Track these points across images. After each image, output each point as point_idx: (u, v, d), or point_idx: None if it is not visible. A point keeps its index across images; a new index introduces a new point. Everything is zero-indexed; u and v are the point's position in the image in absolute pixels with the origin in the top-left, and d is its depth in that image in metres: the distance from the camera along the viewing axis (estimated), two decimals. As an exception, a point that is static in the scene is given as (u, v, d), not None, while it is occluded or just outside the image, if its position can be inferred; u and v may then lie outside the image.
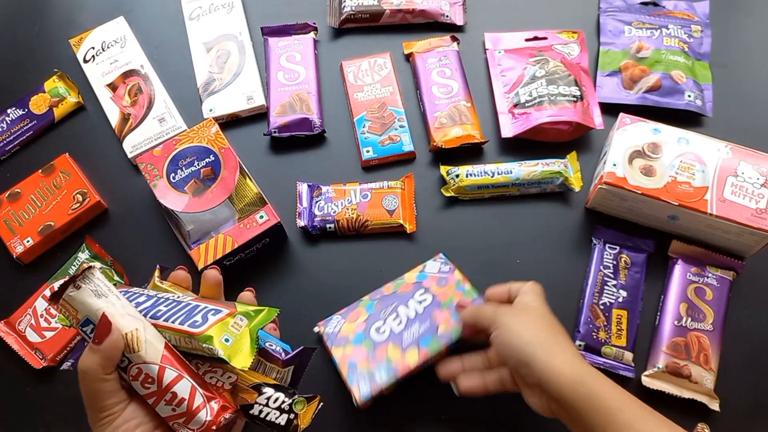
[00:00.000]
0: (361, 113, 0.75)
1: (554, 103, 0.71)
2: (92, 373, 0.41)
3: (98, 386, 0.41)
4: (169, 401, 0.42)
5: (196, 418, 0.41)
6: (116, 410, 0.42)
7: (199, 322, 0.43)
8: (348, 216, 0.69)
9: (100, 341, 0.41)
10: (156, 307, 0.45)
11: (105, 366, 0.41)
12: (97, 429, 0.42)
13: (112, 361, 0.41)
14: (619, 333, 0.63)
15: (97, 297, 0.42)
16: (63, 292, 0.42)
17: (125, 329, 0.42)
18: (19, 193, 0.70)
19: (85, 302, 0.42)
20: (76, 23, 0.82)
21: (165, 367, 0.42)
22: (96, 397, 0.41)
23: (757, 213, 0.61)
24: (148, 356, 0.42)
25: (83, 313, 0.42)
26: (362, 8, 0.79)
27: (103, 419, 0.41)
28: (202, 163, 0.66)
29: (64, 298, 0.42)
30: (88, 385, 0.41)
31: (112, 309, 0.42)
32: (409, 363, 0.59)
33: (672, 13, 0.79)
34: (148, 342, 0.42)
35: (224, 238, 0.63)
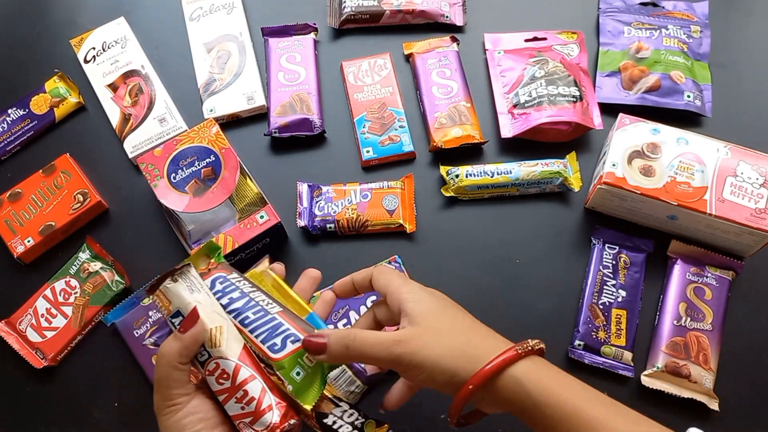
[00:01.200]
0: (361, 113, 0.75)
1: (554, 104, 0.71)
2: (169, 358, 0.43)
3: (171, 373, 0.43)
4: (239, 399, 0.43)
5: (262, 419, 0.43)
6: (181, 401, 0.43)
7: (278, 347, 0.44)
8: (348, 216, 0.69)
9: (184, 331, 0.43)
10: (245, 312, 0.46)
11: (182, 354, 0.43)
12: (162, 416, 0.43)
13: (191, 351, 0.44)
14: (619, 333, 0.63)
15: (190, 292, 0.45)
16: (161, 283, 0.45)
17: (210, 324, 0.44)
18: (19, 193, 0.70)
19: (179, 295, 0.45)
20: (76, 23, 0.82)
21: (241, 365, 0.44)
22: (166, 383, 0.43)
23: (757, 213, 0.61)
24: (227, 353, 0.44)
25: (175, 305, 0.45)
26: (362, 9, 0.79)
27: (169, 407, 0.43)
28: (203, 163, 0.66)
29: (160, 289, 0.45)
30: (163, 369, 0.43)
31: (201, 305, 0.45)
32: None
33: (671, 13, 0.79)
34: (229, 340, 0.44)
35: (225, 238, 0.63)
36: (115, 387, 0.65)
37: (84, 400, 0.64)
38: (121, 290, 0.67)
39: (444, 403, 0.63)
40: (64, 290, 0.67)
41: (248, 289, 0.47)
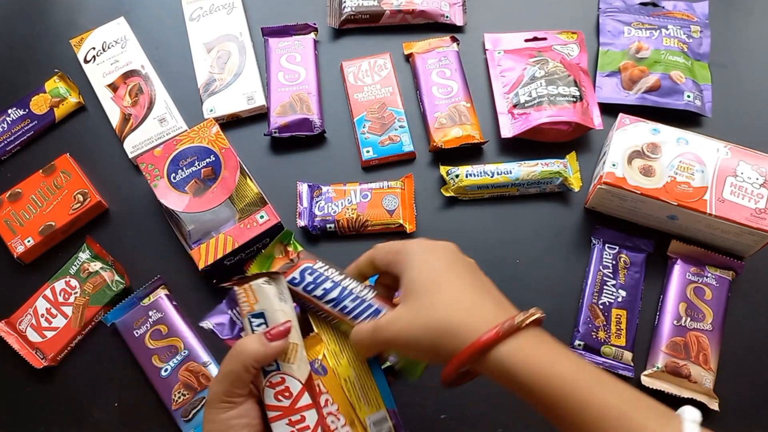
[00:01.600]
0: (361, 113, 0.75)
1: (554, 104, 0.71)
2: (247, 357, 0.42)
3: (241, 371, 0.43)
4: (292, 422, 0.43)
5: None
6: (236, 401, 0.43)
7: None
8: (348, 216, 0.69)
9: (272, 339, 0.43)
10: (343, 301, 0.46)
11: (258, 359, 0.43)
12: (214, 408, 0.43)
13: (269, 359, 0.43)
14: (619, 333, 0.63)
15: (279, 300, 0.45)
16: (255, 278, 0.44)
17: (289, 340, 0.44)
18: (19, 193, 0.70)
19: (269, 298, 0.44)
20: (76, 24, 0.82)
21: (305, 389, 0.44)
22: (232, 379, 0.43)
23: (757, 213, 0.61)
24: (297, 373, 0.44)
25: (261, 306, 0.44)
26: (362, 9, 0.79)
27: (225, 402, 0.43)
28: (203, 163, 0.66)
29: (252, 285, 0.44)
30: (235, 364, 0.43)
31: (286, 316, 0.44)
32: None
33: (671, 13, 0.79)
34: (302, 360, 0.44)
35: (225, 238, 0.63)
36: (115, 387, 0.65)
37: (84, 400, 0.64)
38: (121, 290, 0.67)
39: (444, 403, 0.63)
40: (64, 290, 0.67)
41: (338, 277, 0.47)
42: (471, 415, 0.62)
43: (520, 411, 0.59)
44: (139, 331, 0.64)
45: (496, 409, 0.62)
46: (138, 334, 0.64)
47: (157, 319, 0.65)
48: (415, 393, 0.63)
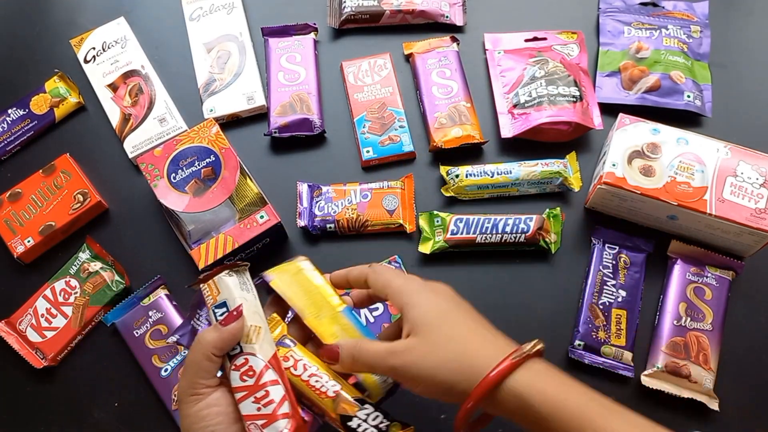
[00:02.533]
0: (361, 113, 0.75)
1: (554, 104, 0.71)
2: (205, 346, 0.44)
3: (202, 361, 0.44)
4: (258, 399, 0.43)
5: (275, 423, 0.43)
6: (205, 391, 0.44)
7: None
8: (348, 216, 0.69)
9: (225, 324, 0.44)
10: None
11: (218, 346, 0.44)
12: (185, 404, 0.44)
13: (227, 344, 0.44)
14: (619, 333, 0.63)
15: (240, 289, 0.46)
16: (216, 274, 0.46)
17: (250, 322, 0.45)
18: (19, 193, 0.70)
19: (230, 288, 0.46)
20: (76, 23, 0.82)
21: (269, 367, 0.44)
22: (195, 370, 0.44)
23: (757, 213, 0.61)
24: (259, 352, 0.44)
25: (223, 296, 0.46)
26: (362, 9, 0.79)
27: (193, 395, 0.44)
28: (203, 163, 0.66)
29: (215, 279, 0.46)
30: (196, 355, 0.44)
31: (247, 303, 0.46)
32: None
33: (671, 13, 0.79)
34: (264, 341, 0.45)
35: (225, 238, 0.63)
36: (115, 387, 0.65)
37: (84, 400, 0.64)
38: (121, 290, 0.67)
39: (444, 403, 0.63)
40: (64, 290, 0.67)
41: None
42: (471, 415, 0.62)
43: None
44: (139, 331, 0.64)
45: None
46: (138, 334, 0.64)
47: (157, 319, 0.65)
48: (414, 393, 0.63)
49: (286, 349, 0.47)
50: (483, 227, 0.67)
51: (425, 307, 0.45)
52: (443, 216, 0.68)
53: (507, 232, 0.67)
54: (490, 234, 0.67)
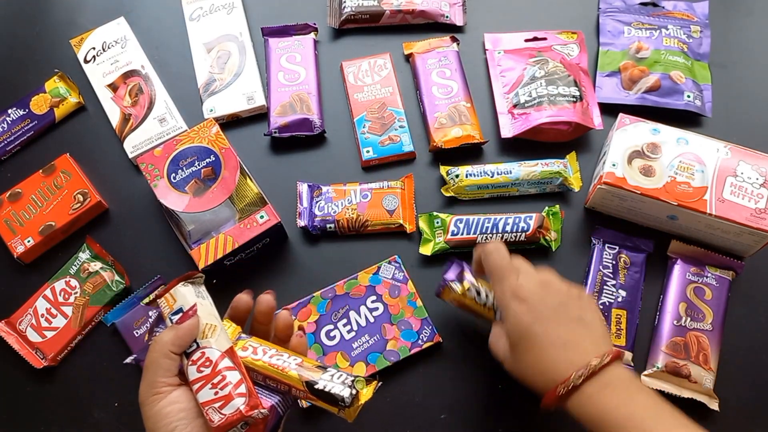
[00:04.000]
0: (361, 113, 0.75)
1: (554, 104, 0.71)
2: (162, 345, 0.45)
3: (161, 360, 0.45)
4: (215, 384, 0.44)
5: (232, 402, 0.44)
6: (165, 390, 0.45)
7: None
8: (348, 216, 0.69)
9: (181, 322, 0.46)
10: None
11: (175, 343, 0.45)
12: (146, 406, 0.44)
13: (183, 341, 0.46)
14: (619, 333, 0.63)
15: (196, 296, 0.48)
16: (174, 286, 0.48)
17: (205, 321, 0.47)
18: (19, 193, 0.70)
19: (186, 296, 0.47)
20: (76, 23, 0.82)
21: (225, 356, 0.46)
22: (154, 369, 0.45)
23: (757, 213, 0.61)
24: (215, 345, 0.46)
25: (179, 303, 0.47)
26: (362, 9, 0.79)
27: (154, 395, 0.44)
28: (203, 163, 0.66)
29: (171, 291, 0.48)
30: (154, 355, 0.45)
31: (202, 307, 0.48)
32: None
33: (671, 13, 0.79)
34: (220, 337, 0.47)
35: (225, 238, 0.63)
36: (115, 387, 0.65)
37: (84, 400, 0.64)
38: (121, 290, 0.67)
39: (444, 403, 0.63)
40: (64, 290, 0.67)
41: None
42: (471, 415, 0.62)
43: (521, 412, 0.59)
44: (139, 331, 0.64)
45: (497, 409, 0.62)
46: (138, 334, 0.64)
47: (157, 319, 0.65)
48: (415, 393, 0.63)
49: (243, 341, 0.49)
50: (483, 227, 0.67)
51: (511, 321, 0.51)
52: (443, 217, 0.68)
53: (507, 231, 0.67)
54: (490, 234, 0.67)
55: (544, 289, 0.52)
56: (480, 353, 0.64)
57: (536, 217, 0.67)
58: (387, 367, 0.62)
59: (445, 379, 0.63)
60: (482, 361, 0.62)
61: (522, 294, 0.52)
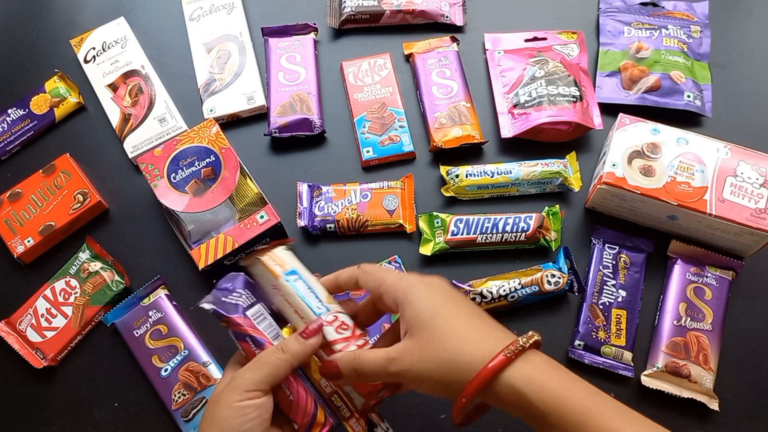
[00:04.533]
0: (361, 113, 0.75)
1: (554, 104, 0.71)
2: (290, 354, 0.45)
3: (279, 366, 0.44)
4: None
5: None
6: (259, 393, 0.44)
7: None
8: (348, 216, 0.69)
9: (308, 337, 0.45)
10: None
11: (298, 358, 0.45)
12: (233, 394, 0.43)
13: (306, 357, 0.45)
14: (619, 333, 0.63)
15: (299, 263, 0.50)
16: (270, 249, 0.49)
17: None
18: (19, 193, 0.70)
19: (295, 259, 0.50)
20: (76, 24, 0.82)
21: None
22: (268, 370, 0.44)
23: (757, 213, 0.61)
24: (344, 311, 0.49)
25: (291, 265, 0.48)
26: (362, 9, 0.79)
27: (249, 391, 0.43)
28: (203, 163, 0.66)
29: (274, 252, 0.48)
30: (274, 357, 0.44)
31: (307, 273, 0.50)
32: None
33: (671, 13, 0.79)
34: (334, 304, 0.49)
35: (225, 238, 0.63)
36: (115, 387, 0.65)
37: (84, 400, 0.64)
38: (121, 290, 0.67)
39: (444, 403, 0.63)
40: (64, 290, 0.67)
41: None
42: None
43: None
44: (139, 331, 0.64)
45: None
46: (138, 334, 0.64)
47: (157, 319, 0.65)
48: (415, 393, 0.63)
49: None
50: (483, 227, 0.67)
51: (418, 304, 0.44)
52: (443, 217, 0.68)
53: (507, 231, 0.67)
54: (490, 234, 0.67)
55: (445, 284, 0.47)
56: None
57: (536, 217, 0.67)
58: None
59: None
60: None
61: (427, 281, 0.46)
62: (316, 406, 0.45)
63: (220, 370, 0.63)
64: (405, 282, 0.46)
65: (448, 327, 0.43)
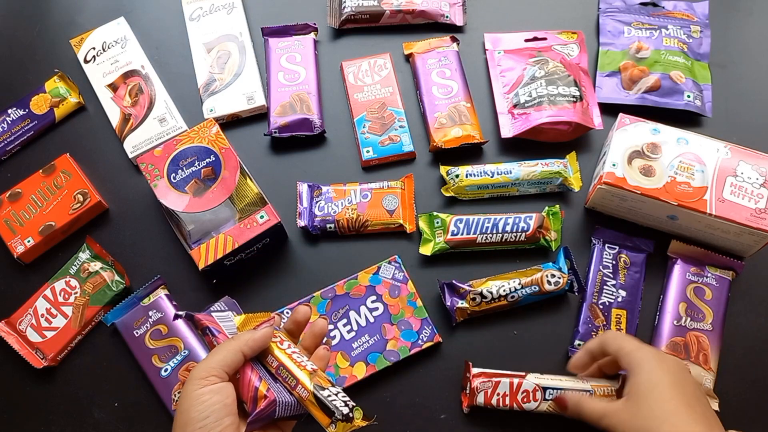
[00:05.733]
0: (361, 113, 0.75)
1: (554, 104, 0.71)
2: (240, 341, 0.47)
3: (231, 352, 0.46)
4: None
5: None
6: (214, 379, 0.45)
7: None
8: (348, 216, 0.69)
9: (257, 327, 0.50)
10: None
11: (249, 345, 0.47)
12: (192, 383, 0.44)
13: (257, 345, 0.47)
14: (619, 333, 0.63)
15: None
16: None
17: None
18: (19, 193, 0.70)
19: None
20: (76, 23, 0.82)
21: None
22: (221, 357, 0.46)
23: (757, 213, 0.61)
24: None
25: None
26: (362, 9, 0.79)
27: (204, 378, 0.45)
28: (203, 163, 0.66)
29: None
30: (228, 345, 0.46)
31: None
32: (357, 375, 0.62)
33: (671, 13, 0.79)
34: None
35: (225, 238, 0.63)
36: (115, 387, 0.65)
37: (84, 400, 0.64)
38: (121, 290, 0.67)
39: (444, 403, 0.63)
40: (64, 290, 0.67)
41: None
42: (471, 415, 0.62)
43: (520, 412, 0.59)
44: (139, 331, 0.64)
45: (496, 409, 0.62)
46: (138, 334, 0.64)
47: (157, 319, 0.65)
48: (415, 393, 0.63)
49: (277, 332, 0.51)
50: (483, 227, 0.67)
51: (646, 376, 0.50)
52: (443, 217, 0.68)
53: (507, 231, 0.67)
54: (490, 234, 0.67)
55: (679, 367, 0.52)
56: (480, 353, 0.64)
57: (536, 217, 0.67)
58: (387, 367, 0.62)
59: (445, 379, 0.63)
60: (482, 361, 0.62)
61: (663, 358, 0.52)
62: (260, 380, 0.46)
63: (220, 370, 0.63)
64: (644, 352, 0.52)
65: (658, 404, 0.49)
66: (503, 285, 0.64)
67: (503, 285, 0.64)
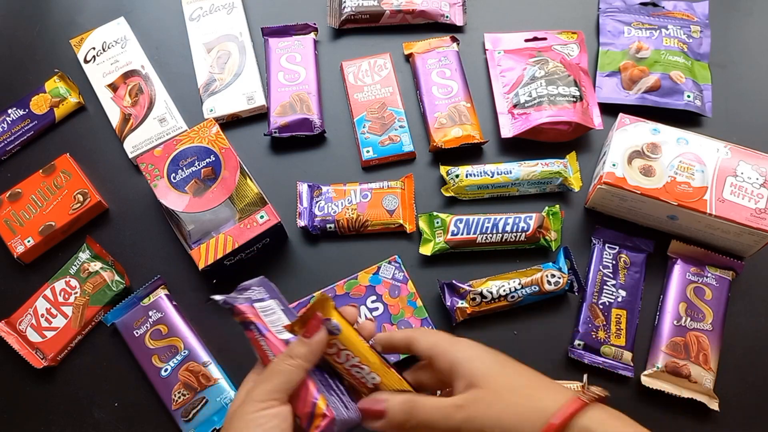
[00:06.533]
0: (361, 113, 0.75)
1: (554, 104, 0.71)
2: (299, 358, 0.44)
3: (292, 372, 0.43)
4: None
5: None
6: (275, 403, 0.43)
7: None
8: (348, 216, 0.69)
9: (309, 335, 0.44)
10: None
11: (309, 359, 0.44)
12: (249, 405, 0.42)
13: (316, 356, 0.45)
14: (618, 332, 0.63)
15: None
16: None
17: None
18: (19, 193, 0.70)
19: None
20: (76, 23, 0.82)
21: None
22: (282, 379, 0.43)
23: (757, 213, 0.61)
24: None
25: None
26: (362, 9, 0.79)
27: (264, 401, 0.42)
28: (203, 163, 0.66)
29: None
30: (285, 365, 0.44)
31: None
32: None
33: (671, 13, 0.79)
34: None
35: (225, 238, 0.63)
36: (115, 387, 0.65)
37: (84, 400, 0.64)
38: (121, 290, 0.67)
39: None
40: (64, 290, 0.67)
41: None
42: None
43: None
44: (139, 331, 0.64)
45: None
46: (138, 334, 0.64)
47: (157, 319, 0.65)
48: (415, 393, 0.63)
49: (332, 337, 0.46)
50: (483, 227, 0.67)
51: (483, 359, 0.45)
52: (443, 217, 0.68)
53: (507, 231, 0.67)
54: (490, 234, 0.67)
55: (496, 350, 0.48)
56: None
57: (536, 217, 0.67)
58: None
59: (445, 379, 0.63)
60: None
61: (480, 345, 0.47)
62: (319, 393, 0.44)
63: (220, 370, 0.63)
64: (464, 342, 0.47)
65: (516, 378, 0.44)
66: (503, 285, 0.64)
67: (503, 285, 0.64)
